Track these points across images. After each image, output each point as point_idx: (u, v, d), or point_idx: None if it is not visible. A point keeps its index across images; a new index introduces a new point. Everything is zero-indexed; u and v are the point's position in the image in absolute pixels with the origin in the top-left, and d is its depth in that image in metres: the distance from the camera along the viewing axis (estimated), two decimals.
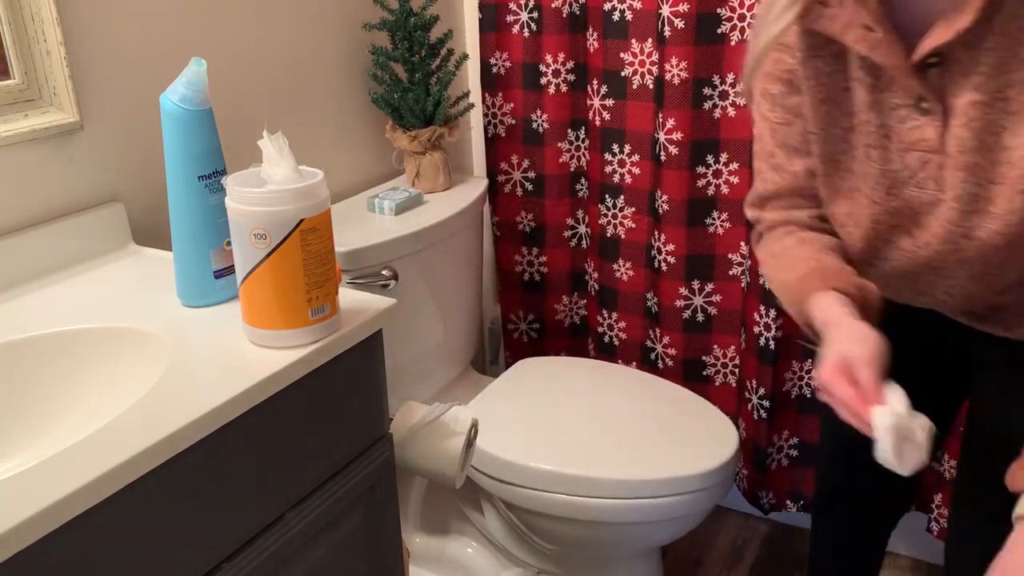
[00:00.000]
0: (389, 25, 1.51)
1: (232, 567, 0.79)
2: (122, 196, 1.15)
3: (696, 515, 1.37)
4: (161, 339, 0.87)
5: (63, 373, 0.88)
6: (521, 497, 1.37)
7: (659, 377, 1.60)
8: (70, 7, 1.05)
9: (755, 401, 1.66)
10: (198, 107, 0.89)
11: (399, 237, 1.39)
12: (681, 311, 1.70)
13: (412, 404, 1.09)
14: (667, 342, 1.73)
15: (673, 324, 1.71)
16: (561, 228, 1.80)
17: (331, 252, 0.85)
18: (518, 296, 1.88)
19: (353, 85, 1.55)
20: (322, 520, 0.90)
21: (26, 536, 0.60)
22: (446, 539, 1.63)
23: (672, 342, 1.73)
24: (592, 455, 1.35)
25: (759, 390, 1.64)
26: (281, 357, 0.82)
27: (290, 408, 0.84)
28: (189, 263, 0.94)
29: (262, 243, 0.80)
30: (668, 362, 1.75)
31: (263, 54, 1.36)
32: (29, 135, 1.01)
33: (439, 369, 1.60)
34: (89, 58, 1.09)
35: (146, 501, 0.70)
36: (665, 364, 1.76)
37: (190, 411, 0.73)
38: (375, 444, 0.98)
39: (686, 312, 1.69)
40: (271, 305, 0.82)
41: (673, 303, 1.69)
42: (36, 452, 0.83)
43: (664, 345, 1.74)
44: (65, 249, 1.06)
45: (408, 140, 1.55)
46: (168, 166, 0.92)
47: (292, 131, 1.44)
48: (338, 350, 0.87)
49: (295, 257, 0.81)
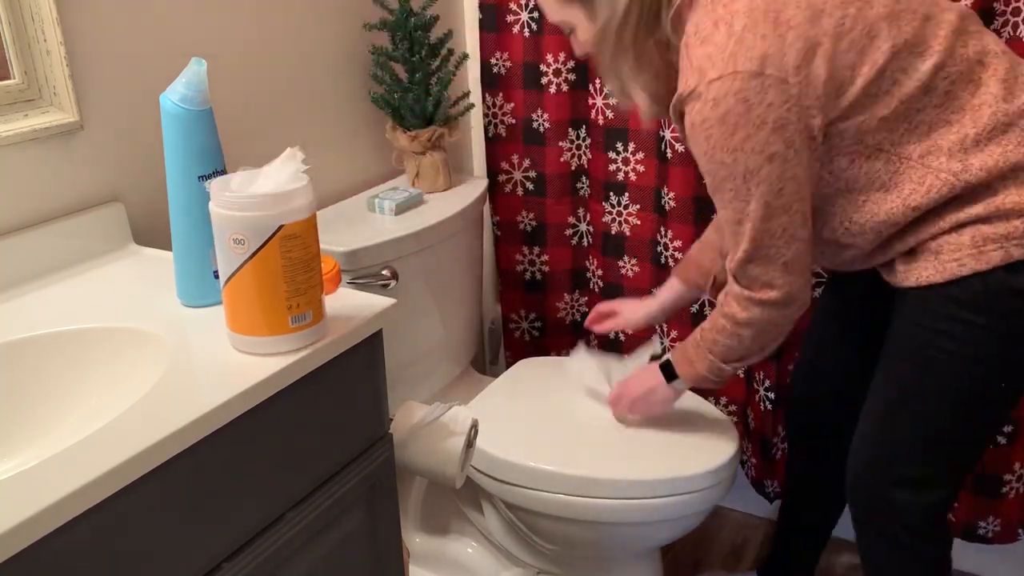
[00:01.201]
0: (389, 25, 1.51)
1: (232, 567, 0.79)
2: (122, 196, 1.15)
3: (696, 515, 1.37)
4: (161, 339, 0.87)
5: (63, 373, 0.88)
6: (521, 497, 1.37)
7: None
8: (70, 7, 1.05)
9: (762, 392, 1.67)
10: (198, 107, 0.89)
11: (399, 237, 1.39)
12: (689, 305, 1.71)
13: (412, 404, 1.09)
14: (675, 336, 1.74)
15: (681, 318, 1.72)
16: (563, 227, 1.80)
17: (315, 259, 0.83)
18: (519, 295, 1.89)
19: (353, 85, 1.55)
20: (322, 520, 0.90)
21: (26, 536, 0.60)
22: (446, 539, 1.63)
23: (680, 336, 1.74)
24: (592, 455, 1.35)
25: (765, 382, 1.65)
26: (276, 359, 0.82)
27: (290, 408, 0.84)
28: (189, 263, 0.94)
29: (241, 248, 0.80)
30: None
31: (263, 54, 1.36)
32: (29, 135, 1.01)
33: (439, 369, 1.60)
34: (89, 58, 1.09)
35: (146, 501, 0.70)
36: None
37: (190, 411, 0.73)
38: (375, 444, 0.98)
39: (694, 306, 1.70)
40: (250, 311, 0.81)
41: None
42: (36, 452, 0.83)
43: (672, 339, 1.75)
44: (65, 249, 1.06)
45: (408, 140, 1.55)
46: (168, 166, 0.92)
47: (292, 131, 1.44)
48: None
49: (274, 264, 0.80)
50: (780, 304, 1.11)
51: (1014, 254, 1.01)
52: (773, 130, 0.98)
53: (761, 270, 1.09)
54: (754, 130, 0.98)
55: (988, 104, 1.01)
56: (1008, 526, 1.57)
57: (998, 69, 1.02)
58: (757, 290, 1.11)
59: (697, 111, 1.01)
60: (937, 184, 1.02)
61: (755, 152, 1.00)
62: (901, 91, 1.00)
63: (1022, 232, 1.01)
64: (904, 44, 1.00)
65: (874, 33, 0.99)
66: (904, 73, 1.00)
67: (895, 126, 1.02)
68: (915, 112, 1.02)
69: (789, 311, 1.12)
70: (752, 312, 1.12)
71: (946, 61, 1.01)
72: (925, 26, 1.01)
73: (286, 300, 0.81)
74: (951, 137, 1.02)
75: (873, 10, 0.99)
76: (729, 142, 1.00)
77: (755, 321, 1.13)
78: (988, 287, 1.02)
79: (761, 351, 1.17)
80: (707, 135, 1.01)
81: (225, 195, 0.79)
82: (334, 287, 0.96)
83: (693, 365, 1.23)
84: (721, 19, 1.00)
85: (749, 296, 1.12)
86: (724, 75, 0.97)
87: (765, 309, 1.12)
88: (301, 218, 0.81)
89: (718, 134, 1.00)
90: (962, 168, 1.01)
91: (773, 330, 1.14)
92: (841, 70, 0.99)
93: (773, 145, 0.99)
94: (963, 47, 1.02)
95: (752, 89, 0.97)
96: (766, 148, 0.99)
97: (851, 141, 1.03)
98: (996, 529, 1.57)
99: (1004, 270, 1.02)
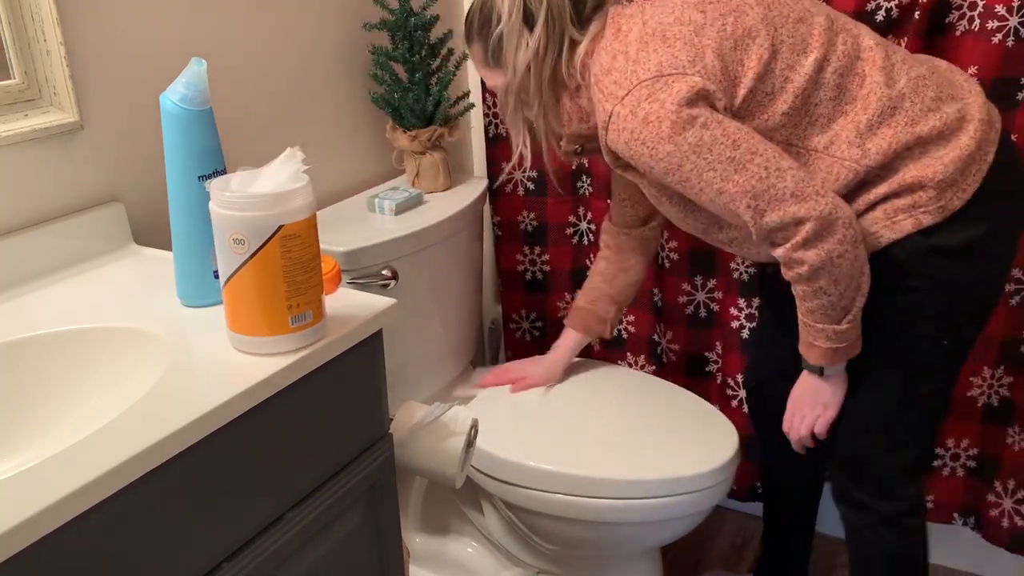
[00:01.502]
0: (389, 25, 1.51)
1: (232, 567, 0.80)
2: (122, 196, 1.15)
3: (696, 515, 1.37)
4: (161, 339, 0.87)
5: (63, 373, 0.88)
6: (521, 497, 1.37)
7: (659, 377, 1.60)
8: (70, 7, 1.05)
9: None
10: (198, 107, 0.89)
11: (399, 237, 1.39)
12: (684, 307, 1.70)
13: (412, 404, 1.09)
14: (670, 337, 1.74)
15: (677, 320, 1.72)
16: (563, 226, 1.80)
17: (315, 259, 0.83)
18: (520, 295, 1.89)
19: (353, 85, 1.55)
20: (322, 520, 0.90)
21: (26, 536, 0.60)
22: (446, 539, 1.63)
23: (675, 337, 1.74)
24: (592, 455, 1.35)
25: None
26: (276, 358, 0.82)
27: (290, 408, 0.84)
28: (189, 263, 0.94)
29: (241, 248, 0.80)
30: (672, 357, 1.76)
31: (263, 54, 1.36)
32: (29, 135, 1.01)
33: (439, 369, 1.60)
34: (89, 58, 1.09)
35: (146, 501, 0.70)
36: (669, 359, 1.77)
37: (190, 411, 0.73)
38: (375, 444, 0.98)
39: (689, 308, 1.70)
40: (250, 311, 0.81)
41: (676, 299, 1.70)
42: (36, 452, 0.83)
43: (668, 340, 1.75)
44: (65, 249, 1.06)
45: (408, 140, 1.55)
46: (168, 166, 0.92)
47: (292, 131, 1.44)
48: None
49: (274, 264, 0.80)
50: (824, 232, 1.07)
51: (923, 221, 1.10)
52: (690, 105, 1.06)
53: (778, 216, 1.07)
54: (675, 115, 1.06)
55: (874, 92, 1.11)
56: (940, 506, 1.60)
57: (876, 59, 1.12)
58: (793, 236, 1.08)
59: (621, 128, 1.09)
60: (844, 172, 1.11)
61: (688, 127, 1.06)
62: (794, 86, 1.10)
63: (926, 200, 1.10)
64: (783, 43, 1.11)
65: (754, 35, 1.10)
66: (792, 70, 1.10)
67: (798, 120, 1.11)
68: (813, 106, 1.11)
69: (838, 233, 1.07)
70: (808, 257, 1.08)
71: (828, 55, 1.11)
72: (799, 27, 1.12)
73: (286, 300, 0.81)
74: (848, 126, 1.11)
75: (749, 17, 1.11)
76: (662, 134, 1.07)
77: (819, 264, 1.08)
78: (908, 251, 1.12)
79: (858, 289, 1.12)
80: (642, 141, 1.08)
81: (225, 195, 0.79)
82: (334, 287, 0.96)
83: (814, 346, 1.17)
84: (618, 51, 1.12)
85: (792, 246, 1.08)
86: (631, 89, 1.08)
87: (815, 246, 1.08)
88: (301, 218, 0.81)
89: (649, 134, 1.07)
90: (861, 154, 1.10)
91: (845, 262, 1.09)
92: (732, 65, 1.09)
93: (700, 115, 1.06)
94: (842, 44, 1.12)
95: (659, 89, 1.06)
96: (695, 120, 1.06)
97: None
98: (930, 507, 1.59)
99: (919, 234, 1.11)
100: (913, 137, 1.10)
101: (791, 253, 1.09)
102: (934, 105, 1.12)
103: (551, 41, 1.18)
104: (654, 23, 1.12)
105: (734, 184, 1.07)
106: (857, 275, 1.11)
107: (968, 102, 1.13)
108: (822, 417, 1.24)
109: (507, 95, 1.24)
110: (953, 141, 1.11)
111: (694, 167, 1.07)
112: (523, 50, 1.18)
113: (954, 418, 1.55)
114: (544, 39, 1.17)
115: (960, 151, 1.10)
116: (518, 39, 1.18)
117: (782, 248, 1.10)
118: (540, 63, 1.19)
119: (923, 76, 1.13)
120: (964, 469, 1.57)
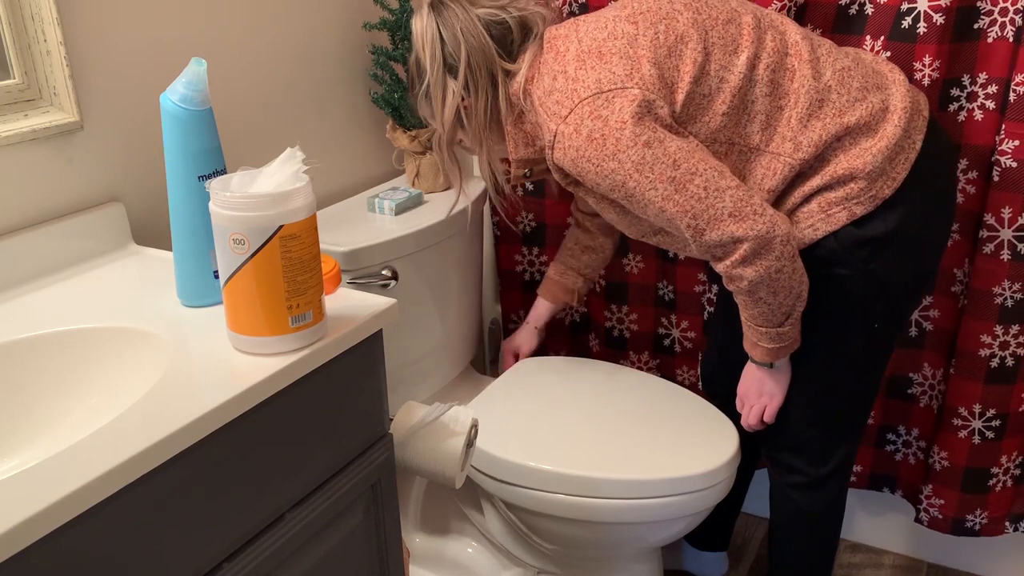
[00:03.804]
0: (389, 25, 1.51)
1: (232, 567, 0.80)
2: (122, 196, 1.15)
3: (696, 515, 1.37)
4: (161, 339, 0.87)
5: (63, 373, 0.88)
6: (521, 497, 1.37)
7: (659, 377, 1.60)
8: (70, 7, 1.05)
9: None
10: (198, 107, 0.89)
11: (399, 237, 1.39)
12: (699, 296, 1.71)
13: (412, 404, 1.09)
14: (685, 326, 1.75)
15: (692, 308, 1.73)
16: (562, 227, 1.80)
17: (315, 259, 0.83)
18: (519, 295, 1.88)
19: (353, 85, 1.55)
20: (322, 520, 0.90)
21: (26, 536, 0.60)
22: (446, 539, 1.63)
23: (691, 326, 1.74)
24: (592, 455, 1.35)
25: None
26: (276, 359, 0.82)
27: (290, 408, 0.84)
28: (189, 263, 0.94)
29: (241, 248, 0.80)
30: (687, 344, 1.77)
31: (263, 54, 1.36)
32: (29, 135, 1.01)
33: (439, 369, 1.60)
34: (89, 58, 1.09)
35: (146, 501, 0.70)
36: (683, 347, 1.78)
37: (190, 411, 0.73)
38: (375, 444, 0.98)
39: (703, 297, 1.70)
40: (250, 311, 0.81)
41: (692, 289, 1.71)
42: (36, 452, 0.83)
43: (682, 330, 1.76)
44: (65, 249, 1.06)
45: (408, 140, 1.55)
46: (168, 166, 0.92)
47: (292, 131, 1.44)
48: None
49: (274, 264, 0.80)
50: (762, 250, 1.12)
51: (856, 212, 1.15)
52: (634, 123, 1.08)
53: (716, 235, 1.11)
54: (619, 132, 1.09)
55: (804, 85, 1.15)
56: (995, 520, 1.58)
57: (802, 53, 1.16)
58: (732, 253, 1.13)
59: (567, 146, 1.12)
60: (780, 166, 1.15)
61: (631, 147, 1.08)
62: (730, 86, 1.13)
63: (858, 192, 1.14)
64: (715, 45, 1.14)
65: (686, 40, 1.13)
66: (726, 70, 1.13)
67: (737, 119, 1.15)
68: (750, 103, 1.15)
69: (775, 250, 1.12)
70: (747, 273, 1.13)
71: (759, 52, 1.14)
72: (728, 28, 1.15)
73: (286, 300, 0.81)
74: (783, 121, 1.15)
75: (679, 23, 1.14)
76: (605, 151, 1.10)
77: (758, 280, 1.13)
78: (841, 242, 1.17)
79: (798, 297, 1.17)
80: (586, 158, 1.11)
81: (225, 195, 0.79)
82: (334, 287, 0.96)
83: (758, 346, 1.24)
84: (557, 72, 1.15)
85: (731, 263, 1.14)
86: (573, 108, 1.11)
87: (753, 264, 1.13)
88: (301, 218, 0.81)
89: (593, 152, 1.10)
90: (794, 148, 1.14)
91: (783, 276, 1.14)
92: (668, 71, 1.12)
93: (642, 134, 1.09)
94: (771, 40, 1.15)
95: (599, 106, 1.10)
96: (637, 139, 1.08)
97: (707, 142, 1.15)
98: (984, 522, 1.58)
99: (852, 226, 1.16)
100: (842, 128, 1.14)
101: (730, 270, 1.14)
102: (860, 95, 1.15)
103: (479, 82, 1.19)
104: (588, 40, 1.15)
105: (674, 204, 1.11)
106: (796, 285, 1.16)
107: (893, 91, 1.16)
108: (769, 406, 1.32)
109: (440, 146, 1.27)
110: (880, 131, 1.14)
111: (637, 185, 1.11)
112: (450, 98, 1.20)
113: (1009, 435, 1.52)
114: (471, 83, 1.19)
115: (887, 140, 1.13)
116: (443, 90, 1.20)
117: (722, 264, 1.15)
118: (473, 106, 1.21)
119: (848, 68, 1.16)
120: (1013, 479, 1.56)
